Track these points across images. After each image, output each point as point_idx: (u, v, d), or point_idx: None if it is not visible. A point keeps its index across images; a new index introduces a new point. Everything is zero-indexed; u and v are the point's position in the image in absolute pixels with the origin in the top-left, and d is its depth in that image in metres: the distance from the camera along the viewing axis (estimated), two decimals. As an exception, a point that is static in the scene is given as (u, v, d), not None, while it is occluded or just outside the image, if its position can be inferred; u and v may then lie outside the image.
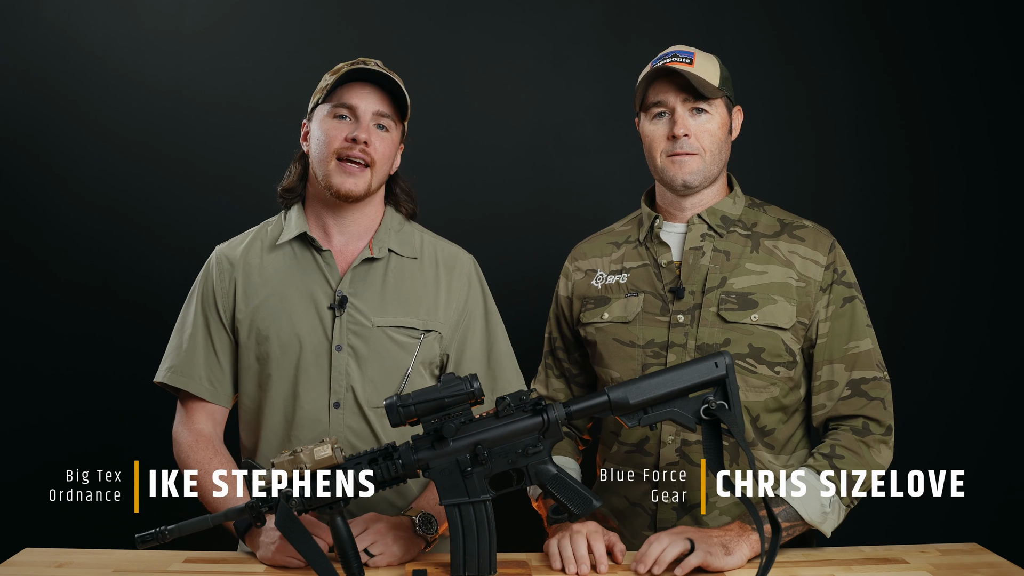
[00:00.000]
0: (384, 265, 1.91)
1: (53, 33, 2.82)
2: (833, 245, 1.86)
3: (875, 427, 1.79)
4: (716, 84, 1.83)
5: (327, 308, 1.87)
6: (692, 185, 1.85)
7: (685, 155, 1.82)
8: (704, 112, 1.83)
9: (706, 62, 1.85)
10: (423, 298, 1.91)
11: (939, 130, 2.88)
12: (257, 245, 1.95)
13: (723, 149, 1.86)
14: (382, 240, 1.92)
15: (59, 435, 2.88)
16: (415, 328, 1.89)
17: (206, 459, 1.83)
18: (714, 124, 1.83)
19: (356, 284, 1.88)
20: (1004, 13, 2.85)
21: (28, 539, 2.24)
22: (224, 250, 1.97)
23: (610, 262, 1.95)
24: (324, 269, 1.89)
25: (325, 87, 1.88)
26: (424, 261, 1.95)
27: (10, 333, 2.86)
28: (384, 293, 1.89)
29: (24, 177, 2.84)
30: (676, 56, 1.84)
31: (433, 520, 1.76)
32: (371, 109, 1.85)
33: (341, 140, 1.84)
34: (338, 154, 1.84)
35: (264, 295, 1.89)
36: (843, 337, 1.82)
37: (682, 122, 1.82)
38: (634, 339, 1.87)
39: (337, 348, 1.86)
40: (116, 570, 1.67)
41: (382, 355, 1.86)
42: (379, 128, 1.87)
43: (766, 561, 1.54)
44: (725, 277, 1.84)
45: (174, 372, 1.90)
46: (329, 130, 1.85)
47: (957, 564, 1.69)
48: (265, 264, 1.91)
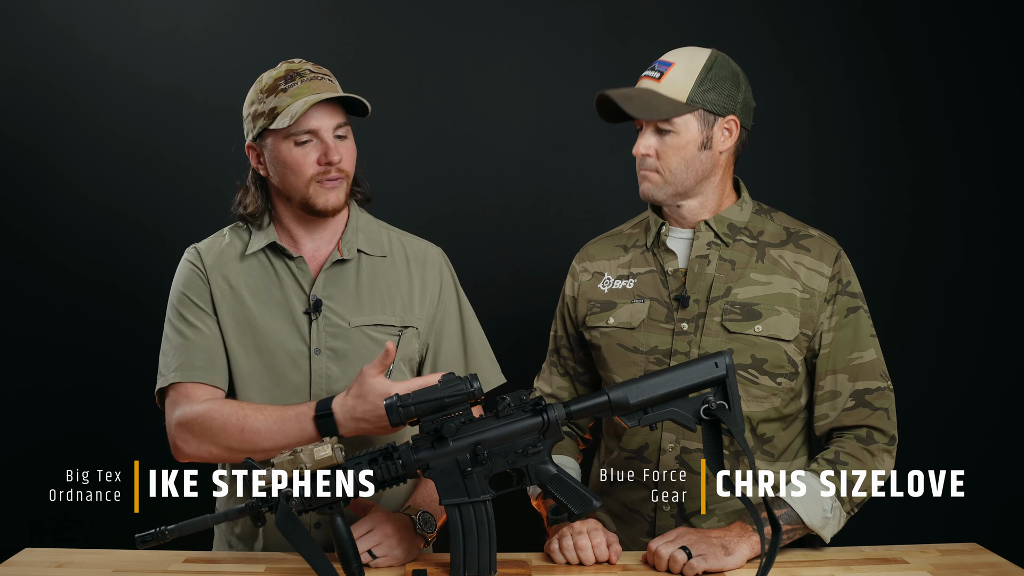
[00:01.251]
0: (355, 265, 1.90)
1: (53, 33, 2.81)
2: (839, 255, 1.85)
3: (879, 436, 1.79)
4: (684, 98, 1.78)
5: (303, 313, 1.86)
6: (655, 200, 1.85)
7: (645, 171, 1.83)
8: (667, 132, 1.80)
9: (682, 75, 1.79)
10: (397, 295, 1.90)
11: (940, 130, 2.88)
12: (231, 251, 1.91)
13: (691, 166, 1.81)
14: (350, 241, 1.91)
15: (59, 435, 2.88)
16: (393, 325, 1.88)
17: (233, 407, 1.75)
18: (679, 141, 1.79)
19: (329, 287, 1.87)
20: (1004, 13, 2.85)
21: (28, 539, 2.25)
22: (200, 251, 1.93)
23: (618, 266, 1.95)
24: (297, 275, 1.87)
25: (271, 111, 1.79)
26: (394, 258, 1.94)
27: (10, 332, 2.86)
28: (358, 293, 1.88)
29: (24, 177, 2.84)
30: (652, 69, 1.83)
31: (432, 518, 1.77)
32: (331, 125, 1.81)
33: (314, 166, 1.80)
34: (315, 179, 1.81)
35: (240, 304, 1.86)
36: (847, 348, 1.81)
37: (643, 141, 1.82)
38: (638, 345, 1.87)
39: (316, 351, 1.84)
40: (116, 570, 1.67)
41: (362, 355, 1.85)
42: (339, 139, 1.83)
43: (766, 561, 1.54)
44: (730, 287, 1.83)
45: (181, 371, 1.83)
46: (297, 160, 1.80)
47: (957, 564, 1.69)
48: (240, 272, 1.88)
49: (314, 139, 1.80)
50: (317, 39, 2.84)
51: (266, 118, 1.80)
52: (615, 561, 1.67)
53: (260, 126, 1.82)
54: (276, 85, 1.81)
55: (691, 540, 1.64)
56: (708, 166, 1.84)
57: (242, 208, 1.91)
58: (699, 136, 1.81)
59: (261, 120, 1.82)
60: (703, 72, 1.80)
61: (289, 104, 1.78)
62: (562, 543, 1.68)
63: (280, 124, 1.77)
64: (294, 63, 1.85)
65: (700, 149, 1.82)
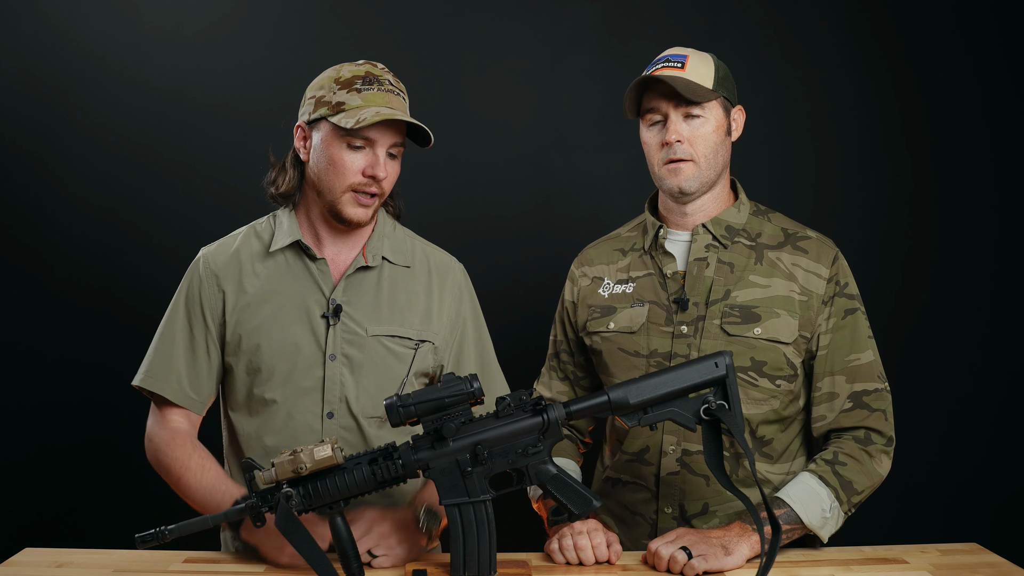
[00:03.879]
0: (378, 273, 1.88)
1: (53, 33, 2.82)
2: (836, 257, 1.85)
3: (877, 437, 1.79)
4: (710, 86, 1.82)
5: (320, 317, 1.84)
6: (688, 192, 1.84)
7: (680, 161, 1.82)
8: (697, 117, 1.82)
9: (700, 64, 1.83)
10: (416, 307, 1.89)
11: (939, 130, 2.88)
12: (247, 251, 1.89)
13: (719, 152, 1.85)
14: (375, 247, 1.89)
15: (59, 435, 2.88)
16: (410, 339, 1.87)
17: (184, 455, 1.78)
18: (708, 128, 1.82)
19: (350, 292, 1.85)
20: (1003, 14, 2.85)
21: (28, 539, 2.25)
22: (211, 255, 1.90)
23: (616, 270, 1.95)
24: (317, 277, 1.85)
25: (338, 105, 1.77)
26: (416, 269, 1.92)
27: (10, 332, 2.86)
28: (378, 301, 1.87)
29: (24, 177, 2.84)
30: (668, 62, 1.83)
31: (436, 513, 1.76)
32: (388, 142, 1.79)
33: (358, 174, 1.78)
34: (353, 187, 1.79)
35: (255, 305, 1.85)
36: (844, 349, 1.82)
37: (674, 128, 1.81)
38: (638, 349, 1.87)
39: (331, 357, 1.83)
40: (116, 570, 1.67)
41: (377, 364, 1.84)
42: (391, 157, 1.81)
43: (766, 561, 1.54)
44: (729, 289, 1.83)
45: (151, 376, 1.84)
46: (344, 163, 1.78)
47: (957, 564, 1.69)
48: (257, 272, 1.87)
49: (367, 148, 1.78)
50: (317, 39, 2.84)
51: (330, 109, 1.77)
52: (615, 561, 1.67)
53: (321, 113, 1.78)
54: (352, 82, 1.78)
55: (691, 540, 1.64)
56: (727, 155, 1.88)
57: (274, 187, 1.88)
58: (724, 121, 1.85)
59: (324, 108, 1.78)
60: (714, 65, 1.85)
61: (358, 107, 1.76)
62: (562, 543, 1.68)
63: (345, 123, 1.75)
64: (376, 67, 1.82)
65: (725, 135, 1.86)
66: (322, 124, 1.80)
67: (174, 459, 1.79)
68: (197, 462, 1.78)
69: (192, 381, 1.85)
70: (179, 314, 1.87)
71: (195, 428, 1.88)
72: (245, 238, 1.92)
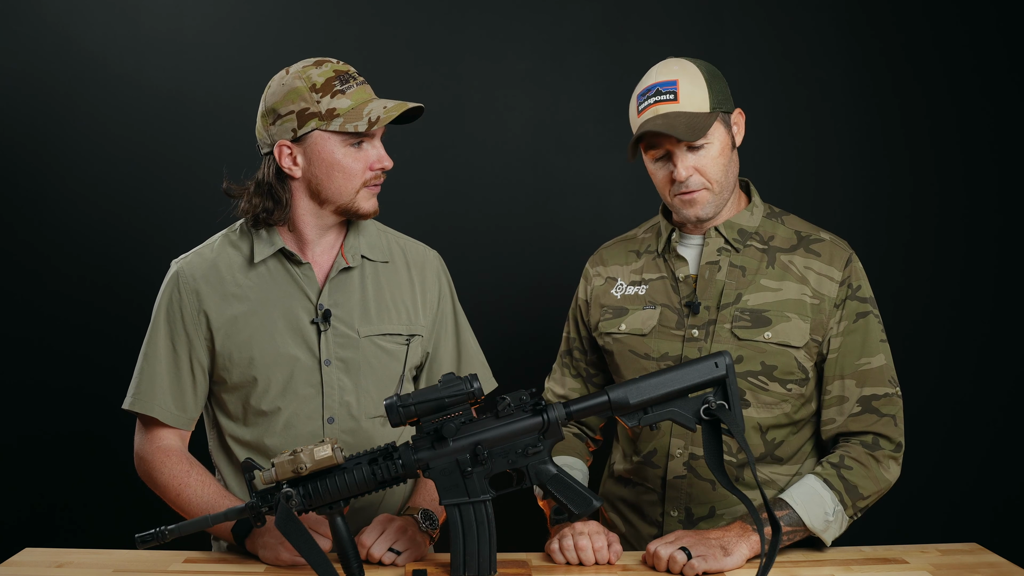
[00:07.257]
0: (360, 273, 1.86)
1: (53, 33, 2.82)
2: (850, 259, 1.83)
3: (885, 443, 1.78)
4: (707, 108, 1.77)
5: (310, 323, 1.82)
6: (707, 217, 1.82)
7: (693, 192, 1.80)
8: (702, 146, 1.77)
9: (691, 86, 1.77)
10: (401, 303, 1.88)
11: (940, 131, 2.88)
12: (225, 262, 1.84)
13: (729, 170, 1.82)
14: (353, 247, 1.86)
15: (59, 435, 2.88)
16: (400, 335, 1.87)
17: (182, 471, 1.78)
18: (715, 151, 1.78)
19: (336, 295, 1.83)
20: (1004, 13, 2.86)
21: (28, 539, 2.25)
22: (188, 268, 1.84)
23: (630, 272, 1.95)
24: (303, 283, 1.82)
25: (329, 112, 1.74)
26: (396, 263, 1.91)
27: (10, 331, 2.86)
28: (365, 302, 1.85)
29: (23, 177, 2.85)
30: (659, 94, 1.77)
31: (433, 515, 1.77)
32: (381, 131, 1.80)
33: (366, 170, 1.78)
34: (365, 183, 1.79)
35: (243, 317, 1.81)
36: (855, 353, 1.80)
37: (681, 164, 1.77)
38: (649, 351, 1.86)
39: (326, 363, 1.82)
40: (116, 570, 1.67)
41: (372, 364, 1.84)
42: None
43: (766, 562, 1.54)
44: (740, 293, 1.82)
45: (139, 399, 1.82)
46: (350, 163, 1.76)
47: (957, 564, 1.69)
48: (240, 283, 1.83)
49: (366, 143, 1.78)
50: (317, 39, 2.84)
51: (321, 119, 1.74)
52: (615, 562, 1.67)
53: (313, 125, 1.75)
54: (330, 85, 1.75)
55: (690, 541, 1.64)
56: (736, 167, 1.85)
57: (263, 212, 1.80)
58: (727, 137, 1.81)
59: (313, 120, 1.74)
60: (705, 78, 1.79)
61: (352, 107, 1.75)
62: (562, 543, 1.68)
63: (357, 127, 1.73)
64: (338, 63, 1.80)
65: (731, 150, 1.83)
66: (313, 135, 1.76)
67: (172, 476, 1.78)
68: (196, 478, 1.77)
69: (177, 399, 1.82)
70: (160, 332, 1.83)
71: (186, 444, 1.87)
72: (221, 248, 1.86)
